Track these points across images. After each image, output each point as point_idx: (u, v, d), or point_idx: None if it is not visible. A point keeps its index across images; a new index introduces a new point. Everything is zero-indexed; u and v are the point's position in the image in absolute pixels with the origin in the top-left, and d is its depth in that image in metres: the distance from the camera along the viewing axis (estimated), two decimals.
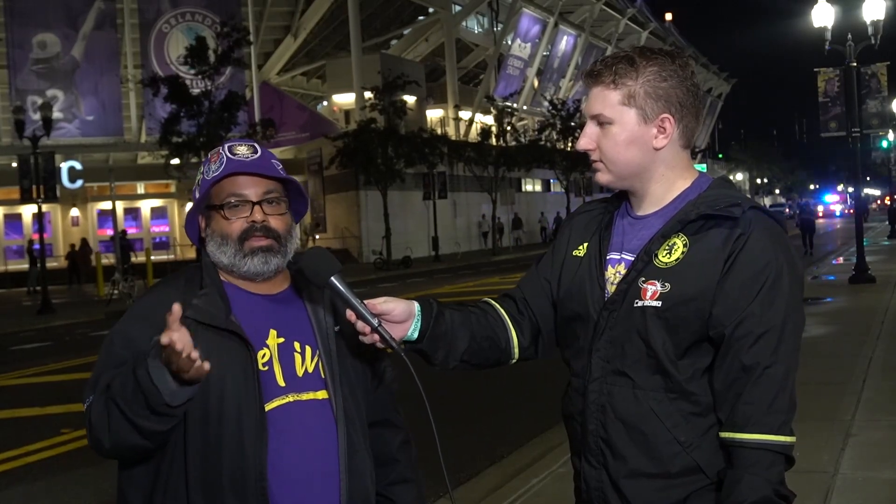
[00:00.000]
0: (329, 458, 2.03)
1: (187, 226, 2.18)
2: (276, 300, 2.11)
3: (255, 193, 2.05)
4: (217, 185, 2.06)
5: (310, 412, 2.03)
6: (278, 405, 2.00)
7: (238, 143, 2.12)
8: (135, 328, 2.02)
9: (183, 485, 1.96)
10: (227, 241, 2.05)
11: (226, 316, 2.00)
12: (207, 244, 2.09)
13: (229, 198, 2.05)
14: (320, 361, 2.08)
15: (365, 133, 35.72)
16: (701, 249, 1.93)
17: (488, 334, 2.16)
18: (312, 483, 2.01)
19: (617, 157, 2.01)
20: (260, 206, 2.05)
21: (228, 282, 2.08)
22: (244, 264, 2.05)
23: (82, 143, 40.90)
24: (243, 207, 2.05)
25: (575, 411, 2.08)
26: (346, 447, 2.05)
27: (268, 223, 2.05)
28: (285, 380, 2.03)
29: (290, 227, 2.12)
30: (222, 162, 2.07)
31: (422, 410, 1.97)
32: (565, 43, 64.16)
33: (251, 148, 2.10)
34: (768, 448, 1.86)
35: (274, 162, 2.11)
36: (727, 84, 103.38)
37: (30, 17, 40.27)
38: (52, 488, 6.78)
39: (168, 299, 1.95)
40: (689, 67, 2.00)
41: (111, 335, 2.06)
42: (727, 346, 1.90)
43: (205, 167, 2.10)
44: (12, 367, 13.40)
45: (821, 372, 8.50)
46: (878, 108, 23.30)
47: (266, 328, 2.05)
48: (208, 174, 2.08)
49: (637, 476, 1.96)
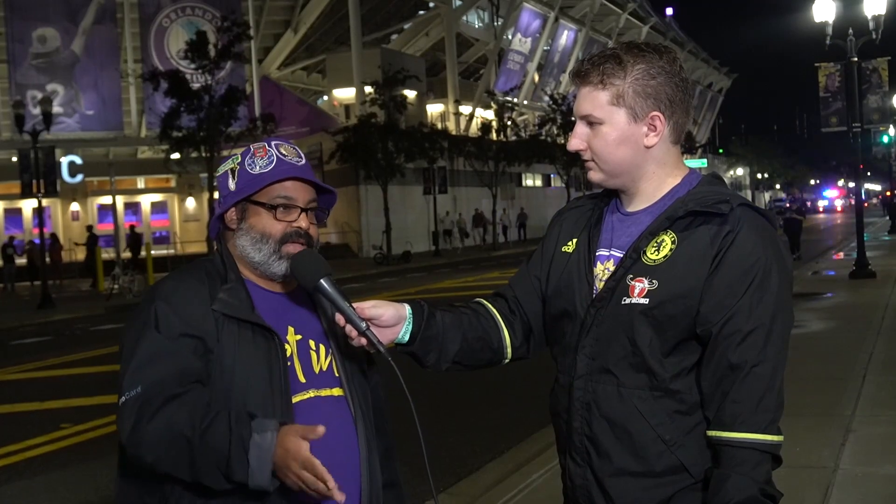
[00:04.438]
0: (351, 453, 2.05)
1: (216, 219, 2.13)
2: (290, 299, 2.13)
3: (303, 200, 2.07)
4: (267, 185, 2.04)
5: (330, 408, 2.05)
6: (301, 400, 2.01)
7: (282, 142, 2.12)
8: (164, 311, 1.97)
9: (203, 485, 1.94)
10: (267, 240, 2.04)
11: (251, 310, 2.01)
12: (238, 237, 2.07)
13: (278, 199, 2.04)
14: (333, 360, 2.10)
15: (365, 128, 35.68)
16: (689, 246, 1.92)
17: (480, 335, 2.15)
18: (336, 477, 2.01)
19: (608, 157, 1.99)
20: (306, 213, 2.07)
21: (247, 278, 2.08)
22: (277, 265, 2.05)
23: (82, 137, 40.85)
24: (292, 211, 2.05)
25: (561, 408, 2.07)
26: (365, 443, 2.07)
27: (309, 230, 2.07)
28: (305, 376, 2.05)
29: (319, 235, 2.15)
30: (272, 159, 2.06)
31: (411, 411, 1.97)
32: (566, 38, 64.08)
33: (296, 151, 2.11)
34: (755, 447, 1.85)
35: (311, 169, 2.14)
36: (728, 79, 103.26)
37: (30, 12, 40.22)
38: (52, 483, 6.78)
39: (191, 290, 1.99)
40: (676, 63, 1.99)
41: (141, 325, 1.97)
42: (714, 345, 1.89)
43: (247, 159, 2.07)
44: (12, 361, 13.40)
45: (821, 367, 8.50)
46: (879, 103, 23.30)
47: (285, 325, 2.06)
48: (254, 168, 2.05)
49: (622, 474, 1.95)
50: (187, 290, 2.01)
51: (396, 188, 38.90)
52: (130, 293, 23.21)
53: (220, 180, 2.12)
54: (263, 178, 2.04)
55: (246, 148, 2.12)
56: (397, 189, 39.24)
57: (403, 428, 2.33)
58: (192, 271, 2.08)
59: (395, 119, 36.85)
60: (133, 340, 1.97)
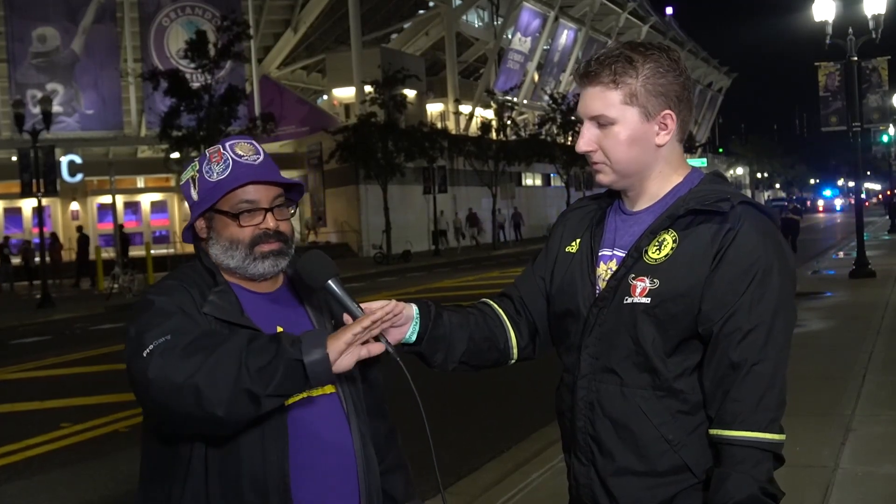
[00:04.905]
0: (346, 453, 2.04)
1: (186, 229, 2.13)
2: (276, 298, 2.12)
3: (266, 200, 2.04)
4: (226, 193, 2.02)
5: (322, 408, 2.04)
6: (292, 402, 1.99)
7: (237, 140, 2.08)
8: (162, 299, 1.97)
9: (203, 486, 1.94)
10: (237, 247, 2.03)
11: (240, 314, 2.00)
12: (210, 246, 2.06)
13: (241, 205, 2.02)
14: None
15: (365, 127, 35.64)
16: (690, 245, 1.92)
17: (487, 335, 2.15)
18: (332, 478, 2.02)
19: (620, 157, 1.99)
20: (272, 212, 2.04)
21: (232, 282, 2.07)
22: (254, 267, 2.04)
23: (82, 136, 40.83)
24: (256, 214, 2.03)
25: (565, 407, 2.08)
26: (359, 440, 2.06)
27: (279, 228, 2.05)
28: None
29: (293, 227, 2.13)
30: (227, 163, 2.02)
31: (417, 409, 1.96)
32: (566, 37, 64.06)
33: (252, 148, 2.06)
34: (756, 446, 1.84)
35: (273, 163, 2.10)
36: (727, 78, 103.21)
37: (29, 11, 40.19)
38: (52, 482, 6.78)
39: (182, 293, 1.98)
40: (680, 61, 2.00)
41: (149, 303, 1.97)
42: (715, 343, 1.89)
43: (203, 166, 2.05)
44: (12, 361, 13.39)
45: (821, 366, 8.50)
46: (879, 103, 23.29)
47: (273, 325, 2.04)
48: (211, 175, 2.02)
49: (625, 474, 1.95)
50: (179, 292, 2.00)
51: (396, 188, 38.88)
52: (130, 293, 23.21)
53: (183, 189, 2.10)
54: (221, 186, 2.01)
55: (202, 154, 2.09)
56: (397, 188, 39.22)
57: (406, 427, 2.33)
58: (177, 279, 2.06)
59: (394, 118, 36.82)
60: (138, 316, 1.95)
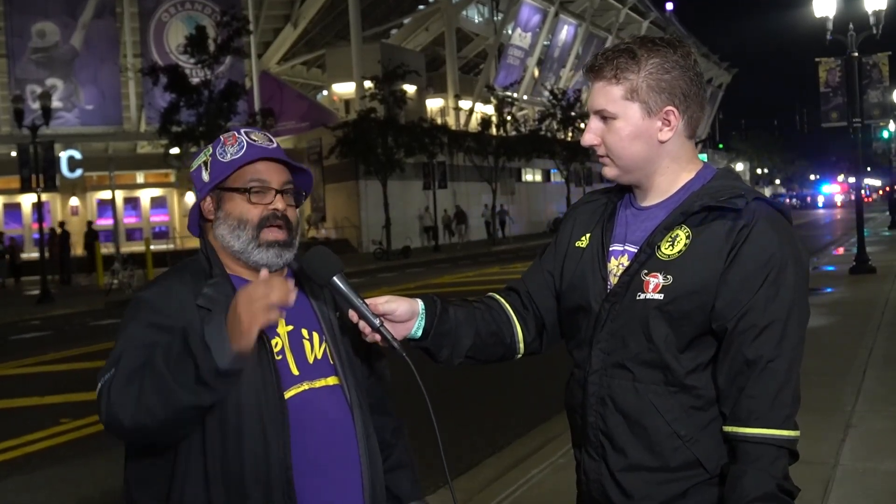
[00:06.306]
0: (349, 444, 2.04)
1: (193, 210, 2.14)
2: None
3: (277, 181, 2.05)
4: (238, 169, 2.04)
5: (325, 399, 2.03)
6: (295, 394, 1.99)
7: (251, 130, 2.11)
8: (151, 316, 1.98)
9: (202, 479, 1.93)
10: (244, 226, 2.03)
11: None
12: (217, 227, 2.06)
13: (252, 182, 2.03)
14: (328, 347, 2.08)
15: (365, 123, 35.64)
16: (704, 241, 1.91)
17: (493, 330, 2.14)
18: (335, 470, 2.01)
19: (622, 152, 1.98)
20: (282, 194, 2.05)
21: (233, 273, 2.06)
22: (257, 253, 2.03)
23: (82, 132, 40.84)
24: (266, 194, 2.04)
25: (576, 403, 2.07)
26: (363, 432, 2.06)
27: (287, 213, 2.05)
28: (298, 368, 2.03)
29: (298, 219, 2.14)
30: (242, 145, 2.05)
31: (422, 403, 1.96)
32: (566, 32, 64.03)
33: (266, 137, 2.09)
34: (772, 443, 1.84)
35: (284, 153, 2.12)
36: (728, 74, 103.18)
37: (29, 6, 40.17)
38: (52, 478, 6.77)
39: (172, 291, 1.97)
40: (691, 57, 1.97)
41: (130, 318, 1.99)
42: (730, 340, 1.88)
43: (217, 149, 2.07)
44: (12, 356, 13.39)
45: (821, 363, 8.49)
46: (879, 99, 23.23)
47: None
48: (225, 156, 2.05)
49: (636, 469, 1.94)
50: (168, 292, 1.99)
51: (396, 183, 38.88)
52: (130, 288, 23.20)
53: (194, 175, 2.11)
54: (234, 163, 2.03)
55: (216, 139, 2.12)
56: (397, 184, 39.22)
57: (409, 423, 2.32)
58: (175, 274, 2.06)
59: (394, 114, 36.81)
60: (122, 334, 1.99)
